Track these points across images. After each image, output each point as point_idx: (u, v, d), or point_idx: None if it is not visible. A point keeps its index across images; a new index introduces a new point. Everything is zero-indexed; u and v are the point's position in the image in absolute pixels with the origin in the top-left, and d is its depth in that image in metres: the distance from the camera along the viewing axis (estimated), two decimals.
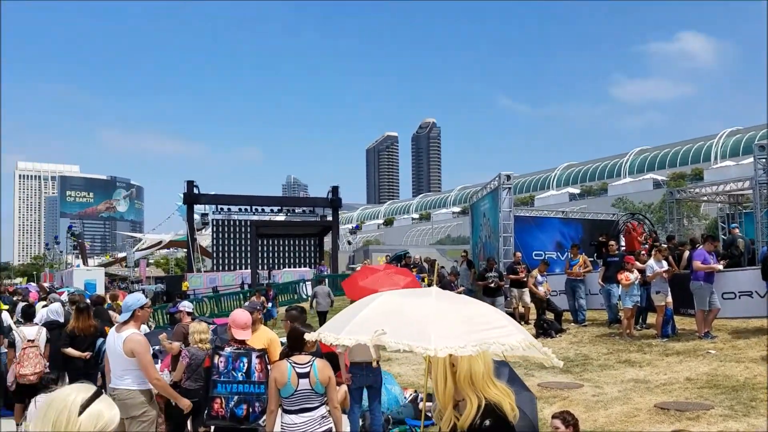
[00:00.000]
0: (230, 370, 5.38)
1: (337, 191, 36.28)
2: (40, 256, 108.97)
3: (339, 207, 37.28)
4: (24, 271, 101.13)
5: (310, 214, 37.01)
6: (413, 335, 2.49)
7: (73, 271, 42.11)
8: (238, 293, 27.39)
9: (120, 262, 64.47)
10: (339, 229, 38.47)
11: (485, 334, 2.54)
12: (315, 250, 37.36)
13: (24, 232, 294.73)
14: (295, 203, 43.26)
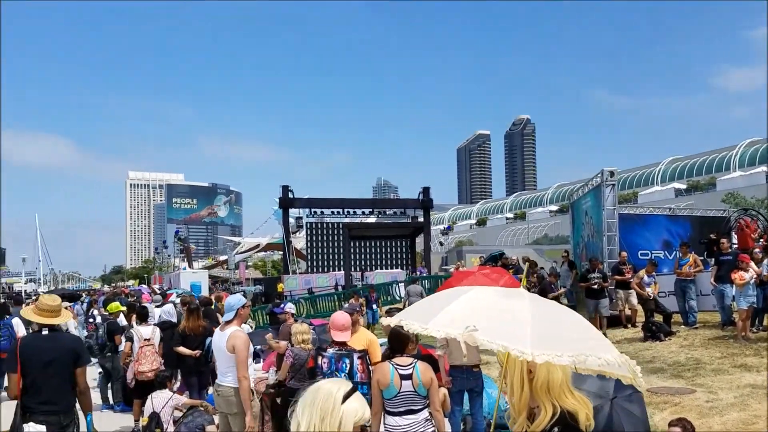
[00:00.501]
0: (333, 370, 5.47)
1: (428, 192, 36.20)
2: (150, 259, 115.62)
3: (430, 208, 37.15)
4: (136, 274, 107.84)
5: (401, 216, 37.13)
6: (509, 336, 2.41)
7: (180, 273, 44.47)
8: (332, 294, 27.83)
9: (221, 265, 67.40)
10: (431, 230, 38.37)
11: (582, 344, 2.43)
12: (407, 252, 37.42)
13: (135, 237, 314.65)
14: (386, 205, 43.56)
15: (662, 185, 68.97)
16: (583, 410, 2.37)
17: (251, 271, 66.54)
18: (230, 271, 53.26)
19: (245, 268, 57.70)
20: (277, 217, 37.11)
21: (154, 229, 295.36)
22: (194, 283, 42.86)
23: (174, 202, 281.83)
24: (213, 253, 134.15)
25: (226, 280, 53.09)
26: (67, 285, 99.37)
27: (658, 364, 10.34)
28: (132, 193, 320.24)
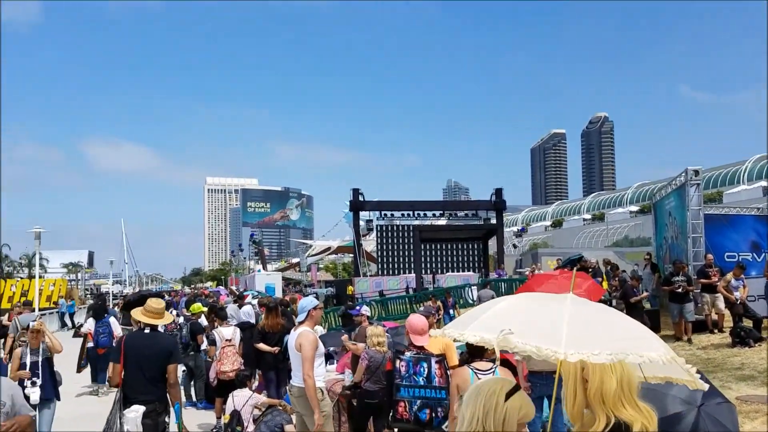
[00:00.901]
0: (411, 374, 5.48)
1: (501, 193, 35.63)
2: (227, 262, 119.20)
3: (503, 209, 36.65)
4: (213, 276, 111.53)
5: (473, 218, 36.69)
6: (543, 337, 2.35)
7: (255, 275, 45.70)
8: (404, 297, 27.85)
9: (294, 267, 68.76)
10: (504, 232, 37.80)
11: (622, 343, 2.32)
12: (479, 254, 36.94)
13: (212, 240, 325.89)
14: (457, 207, 43.19)
15: (749, 184, 65.11)
16: (639, 421, 2.27)
17: (322, 274, 67.52)
18: (302, 273, 54.29)
19: (317, 271, 58.65)
20: (348, 220, 37.48)
21: (230, 232, 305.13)
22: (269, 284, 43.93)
23: (248, 206, 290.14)
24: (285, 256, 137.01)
25: (298, 282, 54.12)
26: (150, 286, 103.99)
27: (748, 371, 9.82)
28: (210, 198, 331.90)
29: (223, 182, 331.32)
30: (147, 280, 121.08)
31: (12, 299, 58.83)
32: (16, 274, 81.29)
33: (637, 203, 75.11)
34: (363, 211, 35.91)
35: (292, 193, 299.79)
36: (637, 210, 71.53)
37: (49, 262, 78.66)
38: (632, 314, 13.86)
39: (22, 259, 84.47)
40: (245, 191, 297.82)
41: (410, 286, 31.42)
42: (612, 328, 2.50)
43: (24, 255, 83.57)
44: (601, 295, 10.57)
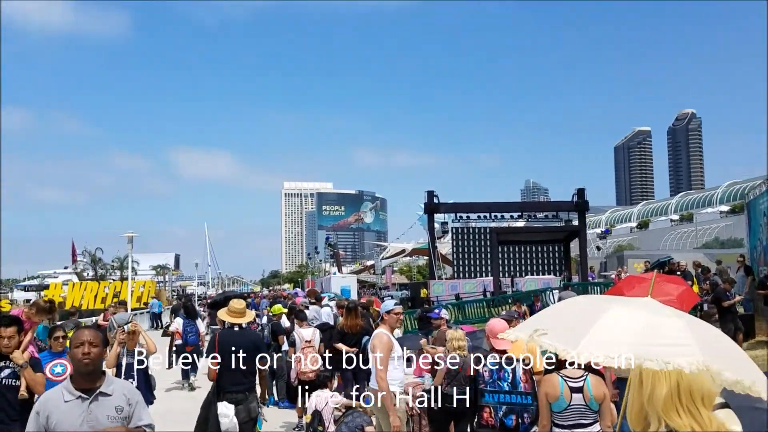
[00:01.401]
0: (495, 379, 5.38)
1: (583, 193, 34.49)
2: (303, 264, 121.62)
3: (586, 210, 35.39)
4: (291, 278, 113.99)
5: (553, 219, 35.74)
6: (566, 338, 2.33)
7: (330, 277, 46.41)
8: (481, 301, 27.46)
9: (369, 270, 69.31)
10: (587, 234, 36.65)
11: (650, 349, 2.21)
12: (560, 257, 35.95)
13: (289, 243, 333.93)
14: (537, 208, 42.25)
15: None
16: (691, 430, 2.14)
17: (397, 276, 67.70)
18: (377, 275, 54.57)
19: (391, 273, 58.86)
20: (422, 223, 37.33)
21: (306, 235, 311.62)
22: (344, 287, 44.45)
23: (324, 209, 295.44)
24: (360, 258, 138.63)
25: (373, 284, 54.48)
26: (231, 287, 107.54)
27: None
28: (286, 202, 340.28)
29: (299, 186, 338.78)
30: (228, 282, 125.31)
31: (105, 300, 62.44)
32: (109, 276, 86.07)
33: (727, 203, 71.21)
34: (438, 214, 35.70)
35: (366, 196, 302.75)
36: (728, 210, 67.76)
37: (139, 265, 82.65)
38: (725, 319, 13.10)
39: (114, 262, 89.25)
40: (320, 195, 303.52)
41: (487, 289, 31.03)
42: (647, 332, 2.38)
43: (116, 258, 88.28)
44: (695, 302, 9.99)
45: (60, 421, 3.33)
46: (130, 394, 3.54)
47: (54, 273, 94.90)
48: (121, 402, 3.44)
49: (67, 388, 3.41)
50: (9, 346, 5.14)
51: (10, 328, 5.16)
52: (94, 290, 72.29)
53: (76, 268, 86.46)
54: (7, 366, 5.17)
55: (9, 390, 5.11)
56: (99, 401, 3.40)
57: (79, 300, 70.48)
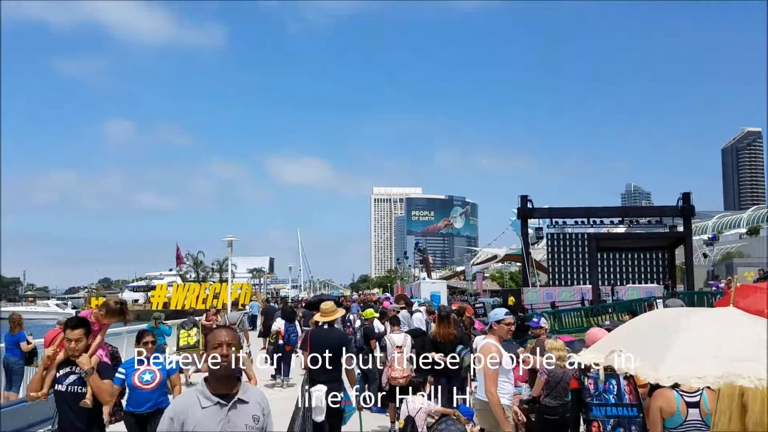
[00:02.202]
0: (601, 392, 5.24)
1: (689, 198, 32.79)
2: (392, 269, 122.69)
3: (692, 215, 33.74)
4: (380, 283, 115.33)
5: (656, 225, 34.08)
6: (647, 357, 2.17)
7: (420, 283, 46.35)
8: (579, 309, 26.51)
9: (459, 276, 68.82)
10: (692, 240, 34.69)
11: (737, 365, 2.00)
12: (664, 265, 34.16)
13: (378, 248, 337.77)
14: (639, 213, 40.42)
15: None
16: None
17: (488, 283, 66.76)
18: (467, 282, 53.99)
19: (482, 279, 58.03)
20: (515, 228, 36.67)
21: (395, 240, 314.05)
22: (434, 293, 44.20)
23: (413, 214, 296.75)
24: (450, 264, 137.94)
25: (463, 290, 53.92)
26: (322, 291, 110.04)
27: None
28: (376, 207, 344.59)
29: (389, 192, 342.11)
30: (320, 286, 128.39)
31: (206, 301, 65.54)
32: (209, 278, 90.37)
33: None
34: (532, 219, 35.10)
35: (456, 201, 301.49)
36: None
37: (237, 268, 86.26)
38: None
39: (214, 265, 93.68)
40: (409, 200, 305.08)
41: (585, 298, 30.19)
42: (734, 346, 2.16)
43: (216, 261, 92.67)
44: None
45: (197, 428, 3.10)
46: (263, 403, 3.31)
47: (160, 275, 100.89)
48: (257, 411, 3.22)
49: (203, 393, 3.15)
50: (76, 350, 4.73)
51: (77, 330, 4.76)
52: (196, 291, 76.15)
53: (180, 271, 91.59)
54: (72, 371, 4.79)
55: (75, 398, 4.73)
56: (237, 409, 3.17)
57: (182, 301, 74.74)
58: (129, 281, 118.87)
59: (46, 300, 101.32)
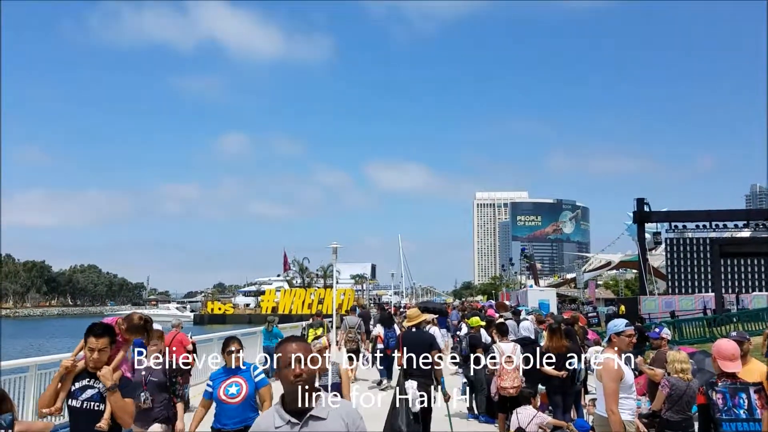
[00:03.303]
0: (731, 407, 4.93)
1: None
2: (497, 276, 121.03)
3: None
4: (484, 290, 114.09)
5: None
6: None
7: (527, 290, 45.36)
8: (701, 319, 25.03)
9: (569, 283, 66.67)
10: None
11: None
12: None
13: (482, 254, 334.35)
14: (764, 216, 37.64)
15: None
16: None
17: (602, 291, 64.13)
18: (579, 289, 52.15)
19: (595, 287, 55.78)
20: (631, 233, 35.33)
21: (499, 246, 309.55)
22: (542, 301, 43.10)
23: (518, 219, 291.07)
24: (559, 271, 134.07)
25: (574, 299, 52.11)
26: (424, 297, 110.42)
27: None
28: (479, 212, 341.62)
29: (492, 197, 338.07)
30: (422, 292, 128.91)
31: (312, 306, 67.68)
32: (314, 283, 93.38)
33: None
34: (649, 223, 33.85)
35: (565, 204, 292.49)
36: None
37: (340, 274, 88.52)
38: None
39: (318, 271, 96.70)
40: (515, 204, 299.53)
41: (708, 306, 28.72)
42: None
43: (320, 267, 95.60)
44: None
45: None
46: (349, 418, 3.02)
47: (269, 280, 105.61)
48: (338, 427, 2.97)
49: (279, 411, 3.00)
50: (99, 361, 4.12)
51: (102, 338, 4.16)
52: (301, 296, 79.24)
53: (287, 276, 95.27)
54: (91, 385, 4.16)
55: (91, 416, 4.10)
56: (309, 426, 2.94)
57: (290, 305, 77.73)
58: (241, 286, 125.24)
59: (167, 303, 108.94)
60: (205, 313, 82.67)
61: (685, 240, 33.46)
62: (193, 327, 57.82)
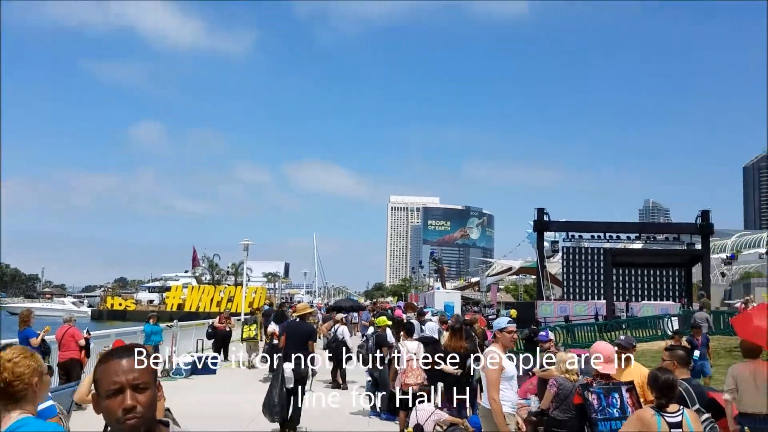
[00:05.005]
0: (605, 406, 5.23)
1: (708, 216, 32.57)
2: (407, 278, 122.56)
3: (710, 234, 33.53)
4: (394, 291, 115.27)
5: (673, 242, 33.85)
6: None
7: (434, 292, 46.32)
8: (592, 324, 26.37)
9: (473, 287, 68.62)
10: (710, 259, 34.38)
11: None
12: (681, 283, 33.89)
13: (394, 257, 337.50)
14: (657, 230, 40.17)
15: None
16: None
17: (503, 294, 66.43)
18: (482, 293, 53.81)
19: (497, 291, 57.74)
20: (531, 241, 36.50)
21: (410, 249, 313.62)
22: (448, 303, 44.09)
23: (429, 224, 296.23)
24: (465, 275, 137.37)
25: (477, 302, 53.74)
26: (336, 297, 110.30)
27: None
28: (393, 216, 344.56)
29: (406, 201, 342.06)
30: (334, 292, 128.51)
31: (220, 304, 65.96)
32: (224, 281, 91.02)
33: None
34: (548, 232, 34.96)
35: (473, 211, 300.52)
36: None
37: (252, 272, 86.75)
38: None
39: (229, 268, 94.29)
40: (426, 209, 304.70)
41: (600, 313, 29.91)
42: None
43: (232, 264, 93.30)
44: None
45: None
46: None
47: (175, 276, 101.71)
48: None
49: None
50: None
51: None
52: (210, 294, 76.98)
53: (195, 273, 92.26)
54: None
55: None
56: None
57: (197, 302, 75.34)
58: (145, 282, 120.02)
59: (62, 297, 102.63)
60: (104, 309, 78.50)
61: (581, 249, 34.66)
62: (90, 323, 54.80)
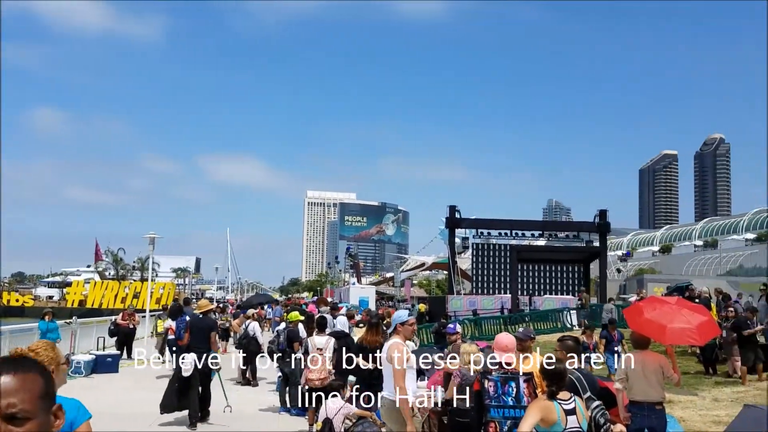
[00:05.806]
0: (500, 394, 5.38)
1: (605, 215, 34.33)
2: (323, 273, 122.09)
3: (607, 232, 35.24)
4: (310, 287, 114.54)
5: (574, 239, 35.58)
6: None
7: (349, 288, 46.66)
8: (498, 318, 27.37)
9: (388, 282, 69.35)
10: (607, 255, 36.32)
11: None
12: (580, 278, 35.71)
13: (310, 252, 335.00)
14: (558, 227, 42.08)
15: None
16: None
17: (416, 290, 67.60)
18: (396, 288, 54.58)
19: (410, 286, 58.77)
20: (443, 237, 37.29)
21: (327, 245, 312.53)
22: (362, 297, 44.50)
23: (346, 220, 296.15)
24: (380, 270, 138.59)
25: (391, 297, 54.46)
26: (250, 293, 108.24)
27: None
28: (309, 211, 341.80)
29: (323, 196, 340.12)
30: (248, 288, 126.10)
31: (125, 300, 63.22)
32: (130, 276, 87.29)
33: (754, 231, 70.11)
34: (459, 229, 35.69)
35: (388, 208, 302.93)
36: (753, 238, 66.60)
37: (160, 267, 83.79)
38: (745, 348, 12.88)
39: (135, 263, 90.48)
40: (343, 205, 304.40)
41: (505, 306, 30.87)
42: None
43: (138, 259, 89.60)
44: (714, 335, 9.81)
45: None
46: None
47: (77, 271, 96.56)
48: None
49: None
50: None
51: None
52: (114, 290, 73.56)
53: (98, 267, 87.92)
54: None
55: None
56: None
57: (100, 299, 71.85)
58: (44, 276, 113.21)
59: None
60: (0, 305, 73.63)
61: (490, 246, 35.47)
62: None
